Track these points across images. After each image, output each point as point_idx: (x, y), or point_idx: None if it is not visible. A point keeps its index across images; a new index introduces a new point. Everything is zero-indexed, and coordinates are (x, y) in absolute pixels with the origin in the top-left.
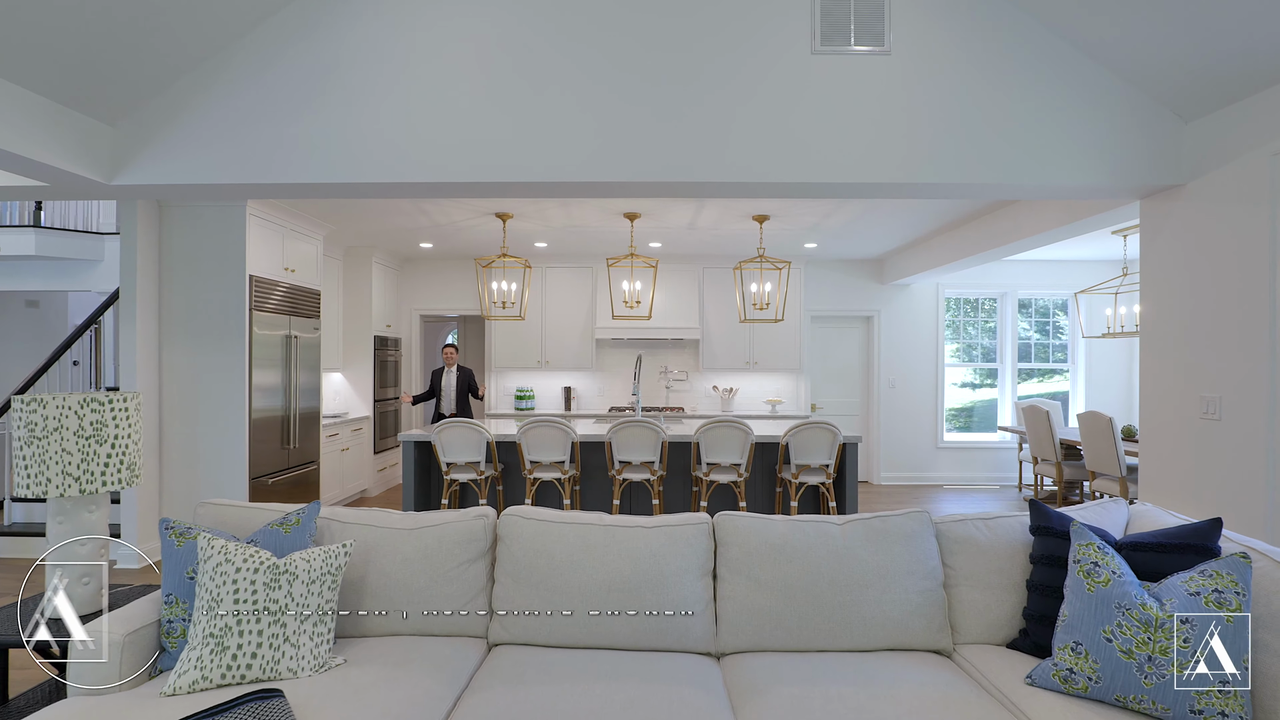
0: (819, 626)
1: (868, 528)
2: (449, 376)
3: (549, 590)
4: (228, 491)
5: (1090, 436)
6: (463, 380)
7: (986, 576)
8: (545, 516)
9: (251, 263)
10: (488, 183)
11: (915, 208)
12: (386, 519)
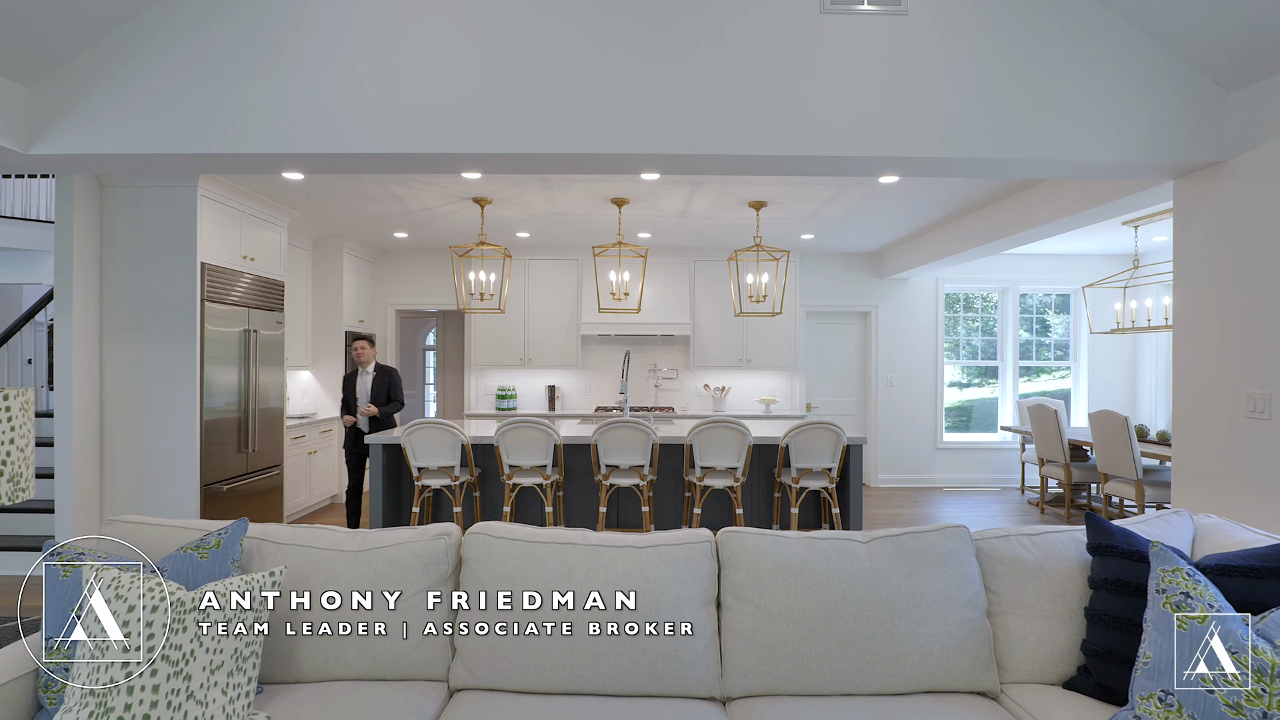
0: (843, 665)
1: (898, 547)
2: (363, 380)
3: (522, 620)
4: (177, 501)
5: (1103, 437)
6: (381, 384)
7: (1037, 603)
8: (518, 535)
9: (204, 249)
10: (464, 154)
11: (922, 194)
12: (329, 539)
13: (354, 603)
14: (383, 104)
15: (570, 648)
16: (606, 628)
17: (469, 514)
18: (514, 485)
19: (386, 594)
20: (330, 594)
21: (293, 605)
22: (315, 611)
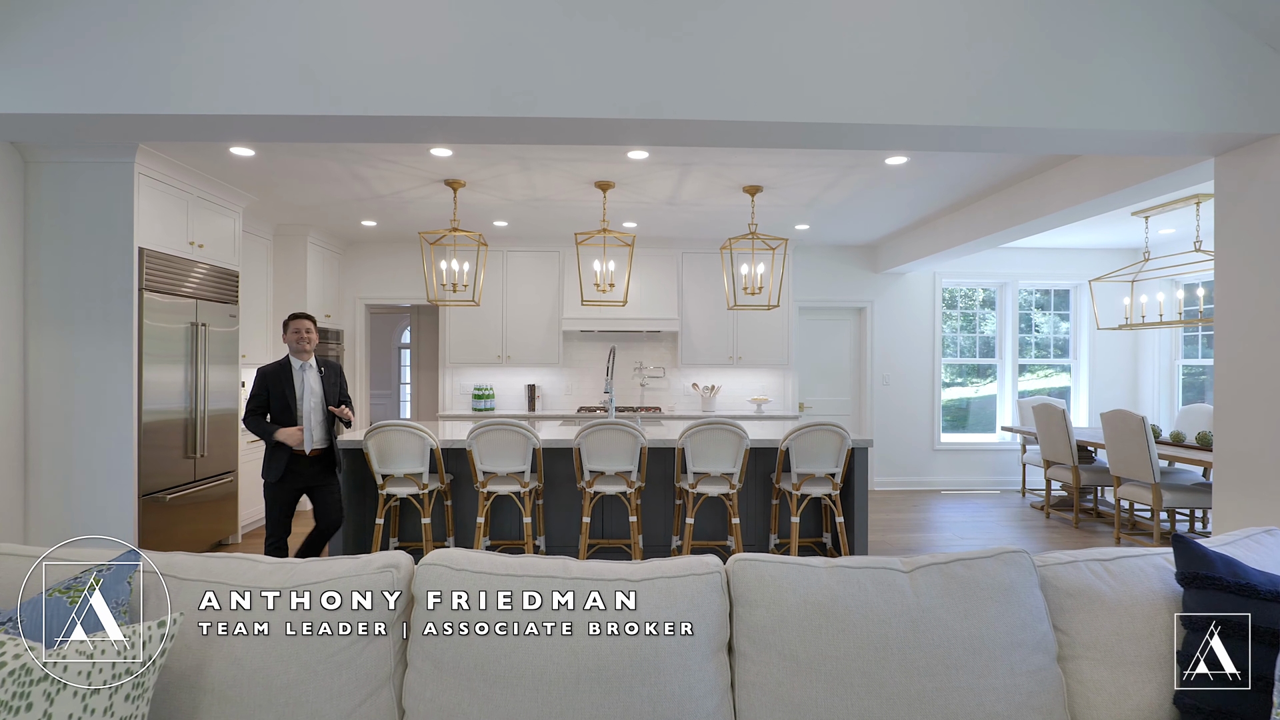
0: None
1: (947, 577)
2: (305, 377)
3: (488, 681)
4: (111, 513)
5: (1117, 438)
6: (334, 384)
7: (1117, 646)
8: (483, 567)
9: (143, 233)
10: (431, 118)
11: (930, 178)
12: (248, 573)
13: (274, 656)
14: (344, 62)
15: (548, 709)
16: (593, 685)
17: (439, 525)
18: (489, 494)
19: (316, 644)
20: (244, 645)
21: (194, 661)
22: (224, 668)
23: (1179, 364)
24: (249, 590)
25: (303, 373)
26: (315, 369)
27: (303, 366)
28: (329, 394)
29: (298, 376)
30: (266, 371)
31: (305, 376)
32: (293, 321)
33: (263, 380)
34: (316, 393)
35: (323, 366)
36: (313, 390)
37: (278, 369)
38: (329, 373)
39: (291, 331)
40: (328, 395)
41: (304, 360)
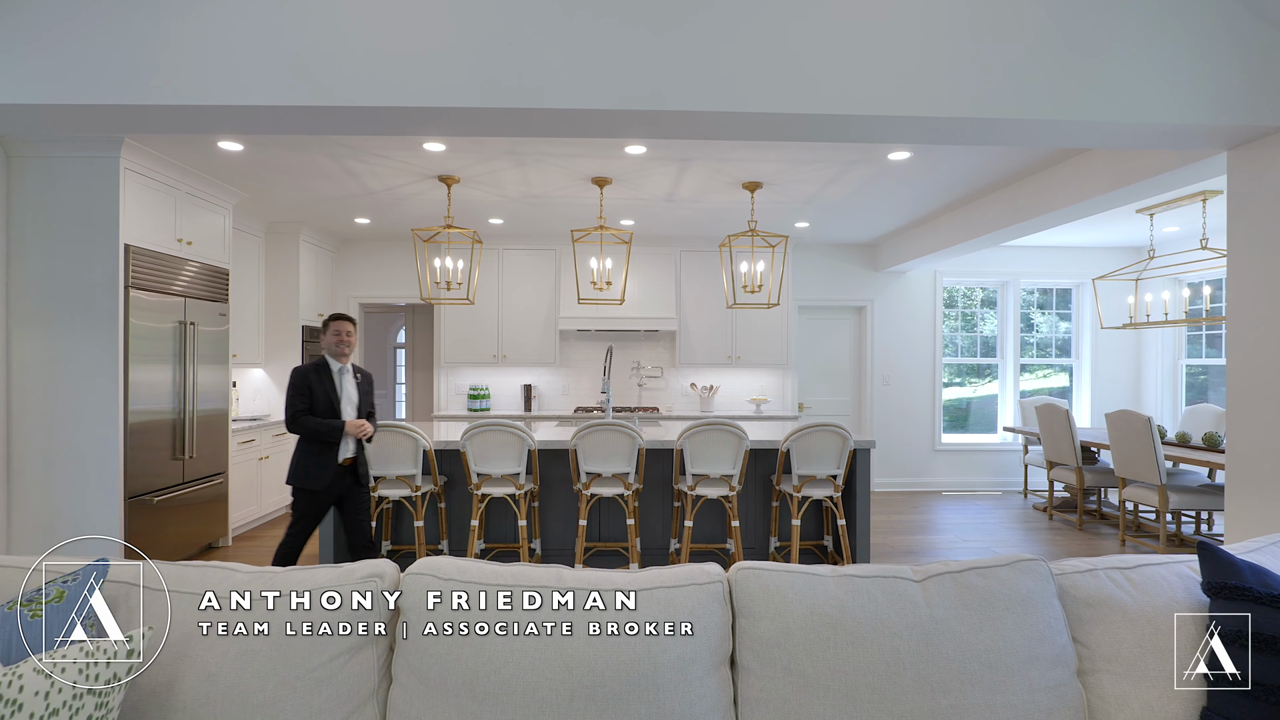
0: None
1: (961, 586)
2: (343, 381)
3: (477, 698)
4: (97, 516)
5: (1122, 439)
6: (369, 391)
7: (1139, 660)
8: (472, 576)
9: (129, 230)
10: (425, 108)
11: (933, 174)
12: (224, 582)
13: (250, 671)
14: (334, 50)
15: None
16: (588, 703)
17: (432, 528)
18: (483, 496)
19: (294, 659)
20: (218, 660)
21: (166, 677)
22: (196, 685)
23: (1182, 364)
24: (224, 601)
25: (342, 376)
26: (352, 374)
27: (341, 370)
28: (364, 401)
29: (338, 380)
30: (306, 371)
31: (345, 380)
32: (332, 323)
33: (305, 379)
34: (353, 400)
35: (359, 374)
36: (350, 397)
37: (317, 369)
38: (365, 379)
39: (331, 333)
40: (363, 403)
41: (343, 364)
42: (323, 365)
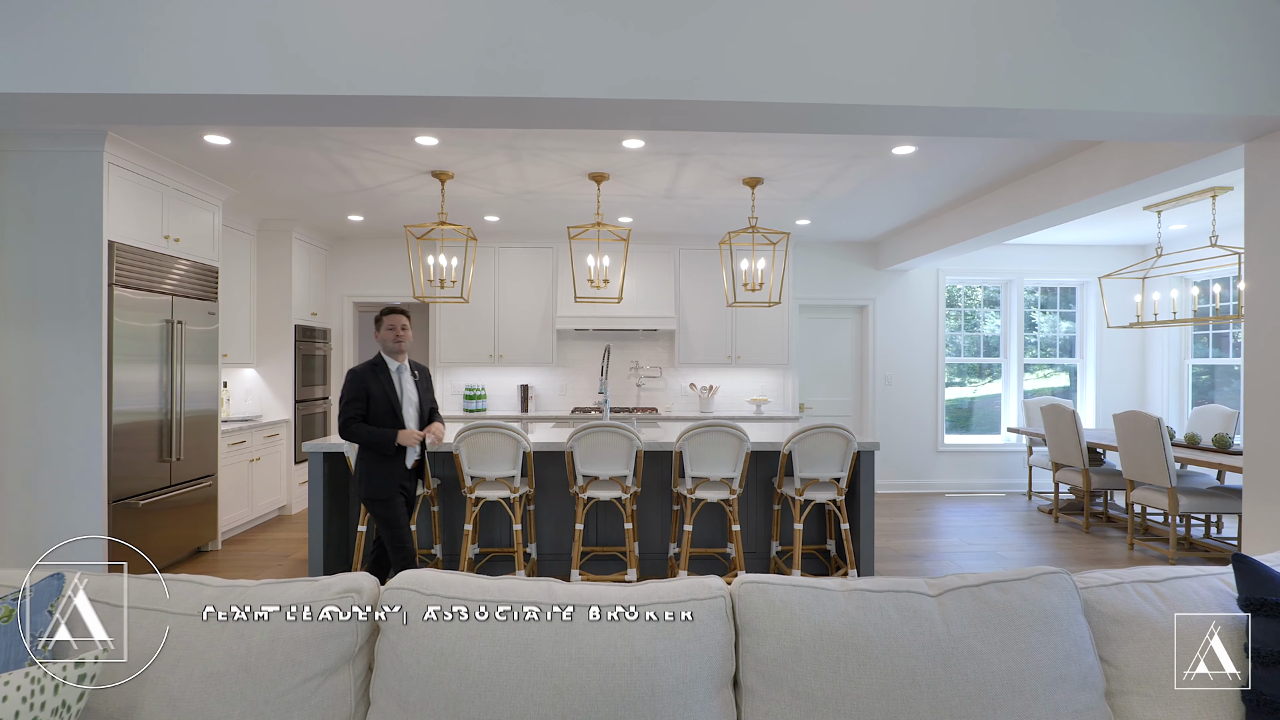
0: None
1: (980, 602)
2: (404, 380)
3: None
4: (79, 519)
5: (1130, 440)
6: (426, 388)
7: (1172, 681)
8: (456, 592)
9: (113, 226)
10: (417, 97)
11: (938, 169)
12: (192, 597)
13: (216, 695)
14: (321, 37)
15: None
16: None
17: (425, 532)
18: (477, 499)
19: (265, 680)
20: (181, 682)
21: (125, 702)
22: (157, 709)
23: (1189, 363)
24: (189, 618)
25: (400, 375)
26: (410, 372)
27: (400, 369)
28: (425, 399)
29: (395, 379)
30: (361, 372)
31: (404, 379)
32: (386, 317)
33: (360, 382)
34: (414, 400)
35: (416, 370)
36: (410, 397)
37: (373, 369)
38: (423, 377)
39: (385, 328)
40: (423, 401)
41: (400, 361)
42: (379, 364)
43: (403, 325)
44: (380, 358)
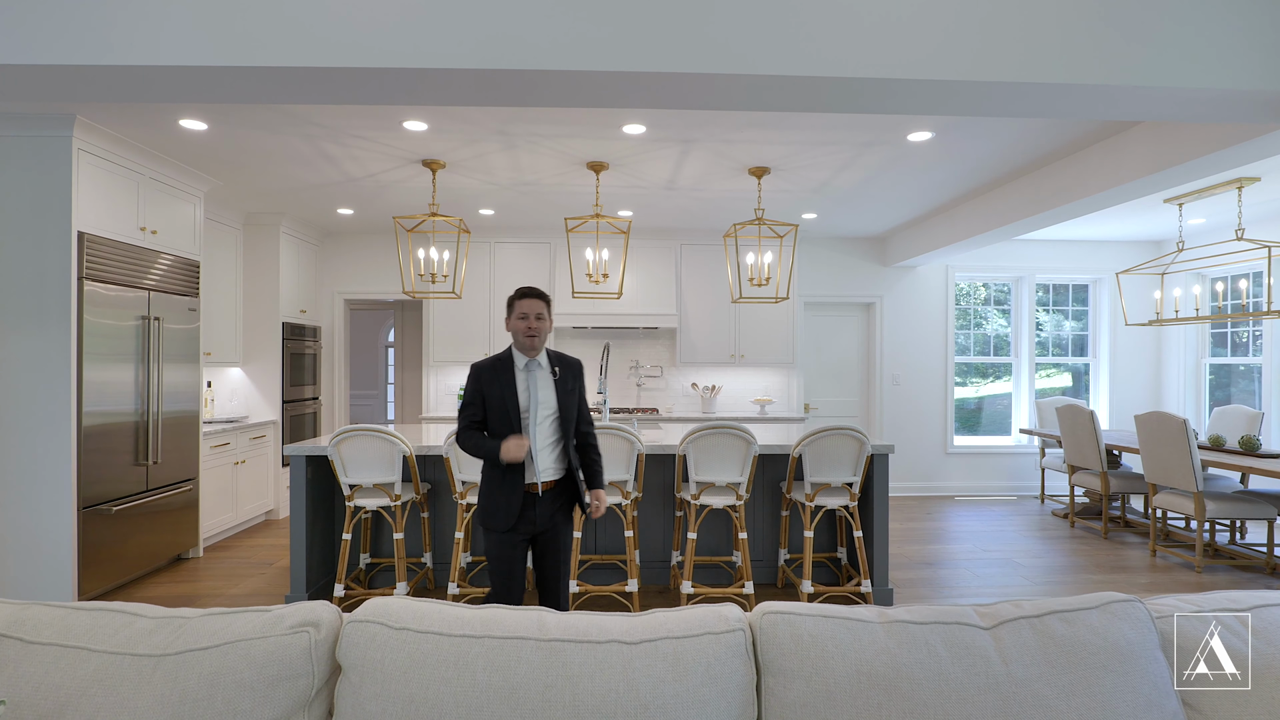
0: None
1: (1042, 636)
2: (535, 379)
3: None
4: (46, 527)
5: (1154, 442)
6: (569, 388)
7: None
8: (431, 625)
9: (84, 217)
10: (399, 69)
11: (954, 157)
12: (121, 632)
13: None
14: (303, 4)
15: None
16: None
17: (414, 540)
18: (469, 505)
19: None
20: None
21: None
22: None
23: (1205, 362)
24: (117, 656)
25: (529, 373)
26: (548, 369)
27: (530, 365)
28: (566, 405)
29: (522, 378)
30: (481, 369)
31: (534, 379)
32: (519, 302)
33: (475, 381)
34: (549, 404)
35: (557, 366)
36: (543, 400)
37: (494, 366)
38: (565, 376)
39: (516, 316)
40: (564, 407)
41: (532, 356)
42: (504, 360)
43: (537, 313)
44: (510, 350)
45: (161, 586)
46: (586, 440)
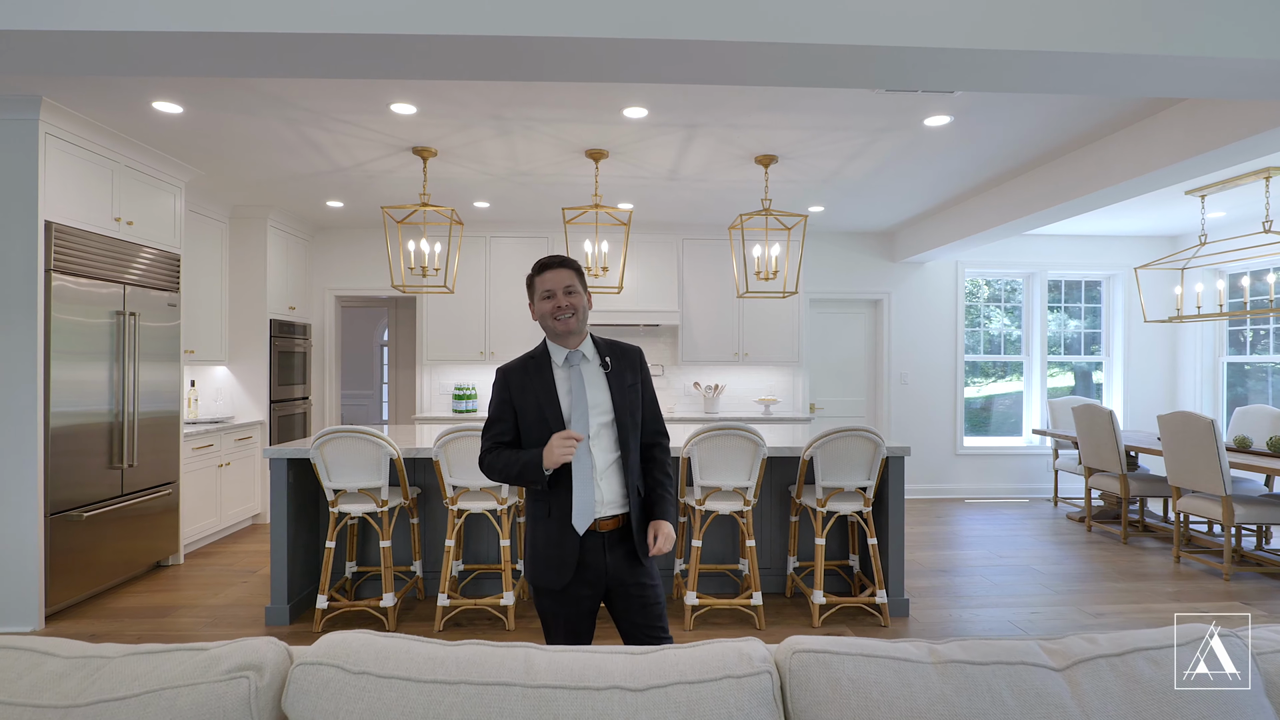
0: None
1: (1126, 679)
2: (582, 375)
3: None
4: (8, 534)
5: (1179, 444)
6: (628, 384)
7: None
8: (397, 666)
9: (52, 205)
10: (377, 35)
11: (972, 143)
12: (27, 675)
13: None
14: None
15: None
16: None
17: (403, 547)
18: (460, 511)
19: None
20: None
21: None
22: None
23: (1223, 361)
24: (17, 708)
25: (573, 369)
26: (597, 362)
27: (571, 358)
28: (626, 407)
29: (563, 378)
30: (508, 371)
31: (579, 376)
32: (537, 278)
33: (502, 388)
34: (603, 406)
35: (608, 356)
36: (596, 402)
37: (524, 367)
38: (621, 368)
39: (539, 296)
40: (622, 409)
41: (572, 347)
42: (537, 358)
43: (567, 286)
44: (544, 345)
45: (137, 596)
46: (653, 453)
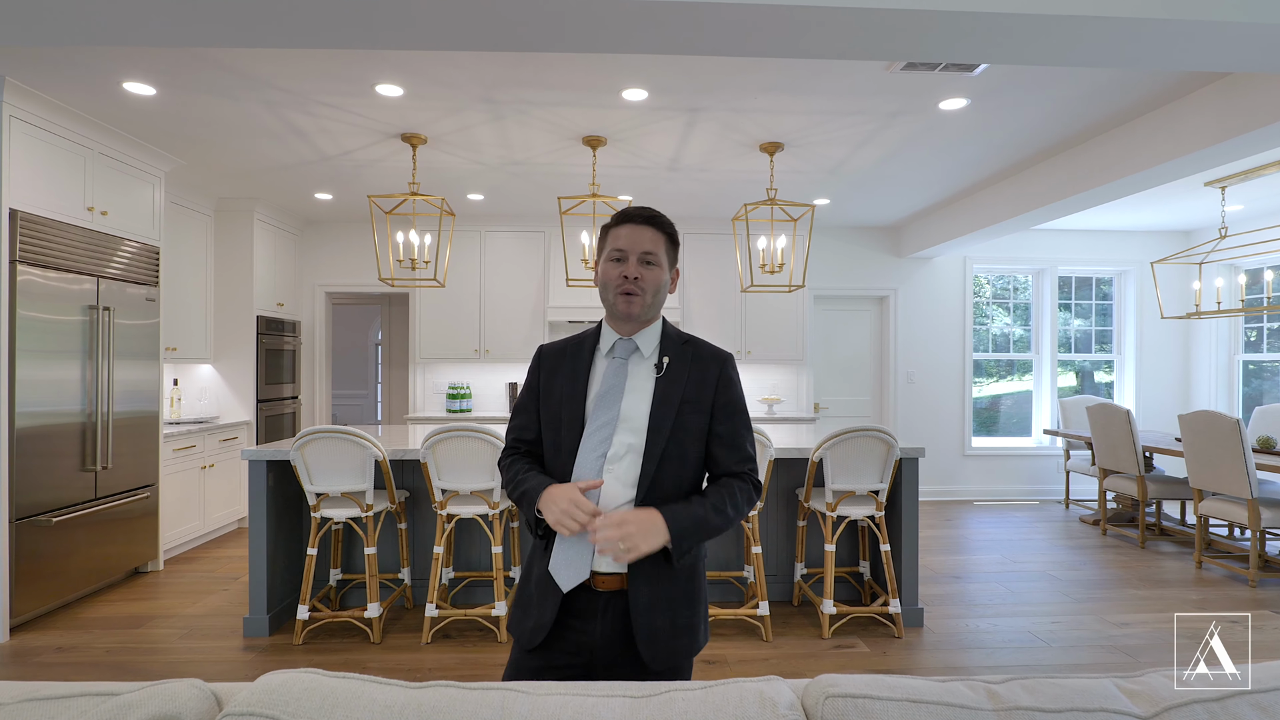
0: None
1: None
2: (624, 372)
3: None
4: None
5: (1202, 444)
6: (692, 397)
7: None
8: (348, 716)
9: (17, 192)
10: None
11: (989, 129)
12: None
13: None
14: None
15: None
16: None
17: (389, 554)
18: (449, 516)
19: None
20: None
21: None
22: None
23: (1239, 359)
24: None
25: (613, 362)
26: (651, 359)
27: (621, 346)
28: (659, 429)
29: (601, 370)
30: (545, 353)
31: (622, 372)
32: (613, 230)
33: (535, 368)
34: (634, 420)
35: (666, 356)
36: (627, 411)
37: (564, 349)
38: (680, 376)
39: (607, 256)
40: (655, 431)
41: (626, 334)
42: (583, 341)
43: (645, 254)
44: (600, 326)
45: (111, 605)
46: (723, 479)
